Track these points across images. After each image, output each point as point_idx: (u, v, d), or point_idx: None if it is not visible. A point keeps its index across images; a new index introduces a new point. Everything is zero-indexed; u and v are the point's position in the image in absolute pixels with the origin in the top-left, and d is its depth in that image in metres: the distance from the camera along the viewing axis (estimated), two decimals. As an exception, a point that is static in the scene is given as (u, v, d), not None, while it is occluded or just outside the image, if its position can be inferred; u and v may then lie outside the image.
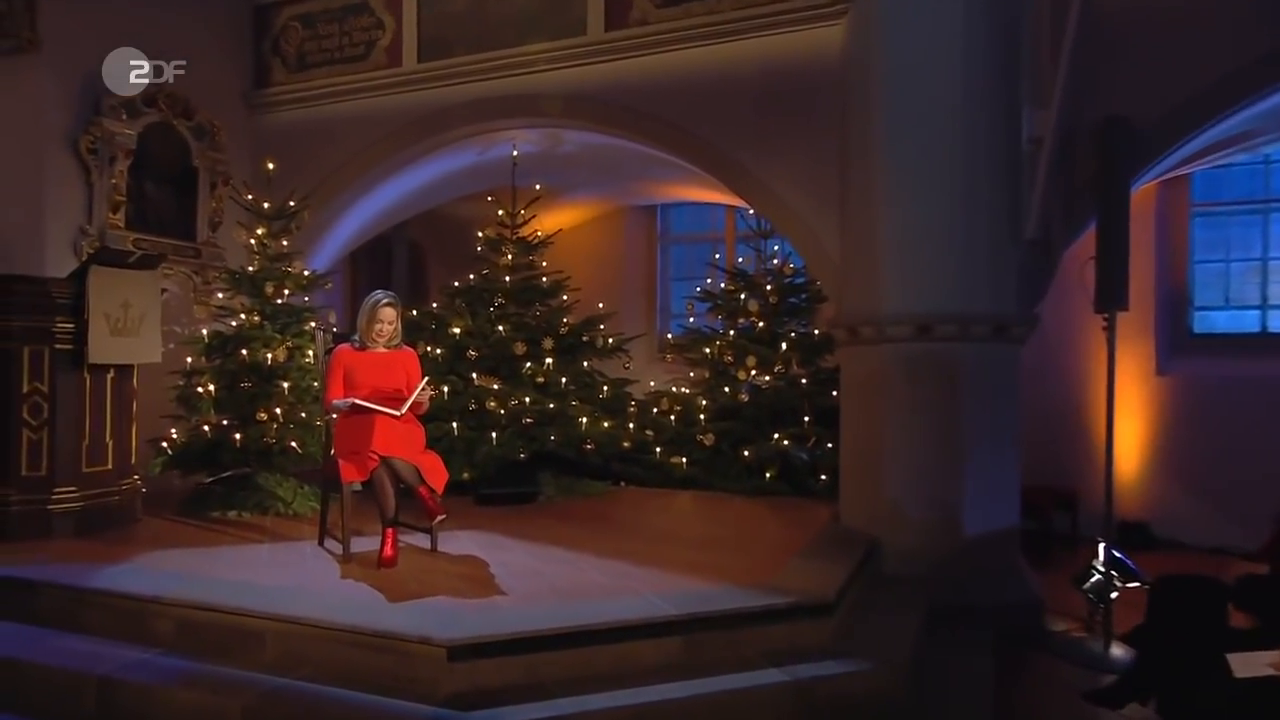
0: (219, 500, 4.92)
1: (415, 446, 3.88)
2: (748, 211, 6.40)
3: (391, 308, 3.99)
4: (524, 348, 5.62)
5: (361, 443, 3.78)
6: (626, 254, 8.44)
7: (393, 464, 3.76)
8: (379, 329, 3.98)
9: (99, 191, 5.38)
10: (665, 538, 4.35)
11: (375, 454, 3.73)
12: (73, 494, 4.31)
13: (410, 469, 3.80)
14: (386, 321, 3.98)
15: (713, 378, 6.11)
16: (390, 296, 4.00)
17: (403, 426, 3.84)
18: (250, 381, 4.96)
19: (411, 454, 3.81)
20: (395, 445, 3.76)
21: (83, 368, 4.34)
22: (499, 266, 6.01)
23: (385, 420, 3.78)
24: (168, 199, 5.87)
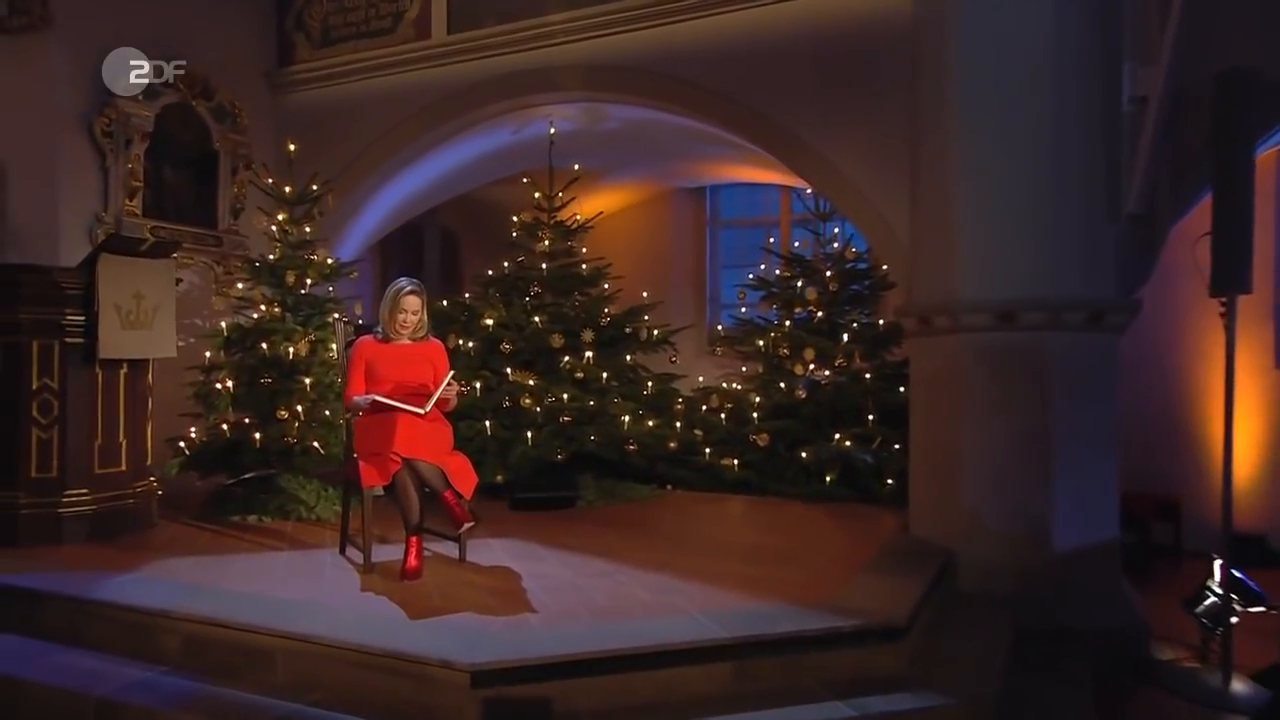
0: (239, 503, 4.88)
1: (441, 447, 3.76)
2: (805, 191, 6.24)
3: (416, 296, 3.88)
4: (562, 340, 5.49)
5: (383, 443, 3.65)
6: (673, 239, 8.32)
7: (416, 467, 3.63)
8: (402, 319, 3.87)
9: (115, 176, 5.39)
10: (715, 548, 4.19)
11: (397, 456, 3.61)
12: (84, 497, 4.27)
13: (435, 472, 3.68)
14: (411, 311, 3.87)
15: (767, 372, 5.96)
16: (414, 284, 3.89)
17: (428, 425, 3.71)
18: (270, 377, 4.89)
19: (437, 455, 3.69)
20: (419, 446, 3.64)
21: (94, 363, 4.29)
22: (535, 253, 5.90)
23: (408, 419, 3.66)
24: (187, 184, 5.88)
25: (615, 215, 8.12)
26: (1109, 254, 3.92)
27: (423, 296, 3.92)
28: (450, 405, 3.87)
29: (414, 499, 3.66)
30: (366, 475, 3.68)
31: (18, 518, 4.17)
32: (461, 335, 5.64)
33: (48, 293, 4.20)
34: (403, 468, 3.62)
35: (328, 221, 6.06)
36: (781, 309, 6.08)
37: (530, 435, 5.16)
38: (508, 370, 5.47)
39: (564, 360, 5.51)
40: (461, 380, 5.13)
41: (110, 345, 4.26)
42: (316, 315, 5.15)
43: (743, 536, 4.52)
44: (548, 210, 5.93)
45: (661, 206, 8.30)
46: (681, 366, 6.07)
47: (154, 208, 5.65)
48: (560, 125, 6.07)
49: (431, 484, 3.67)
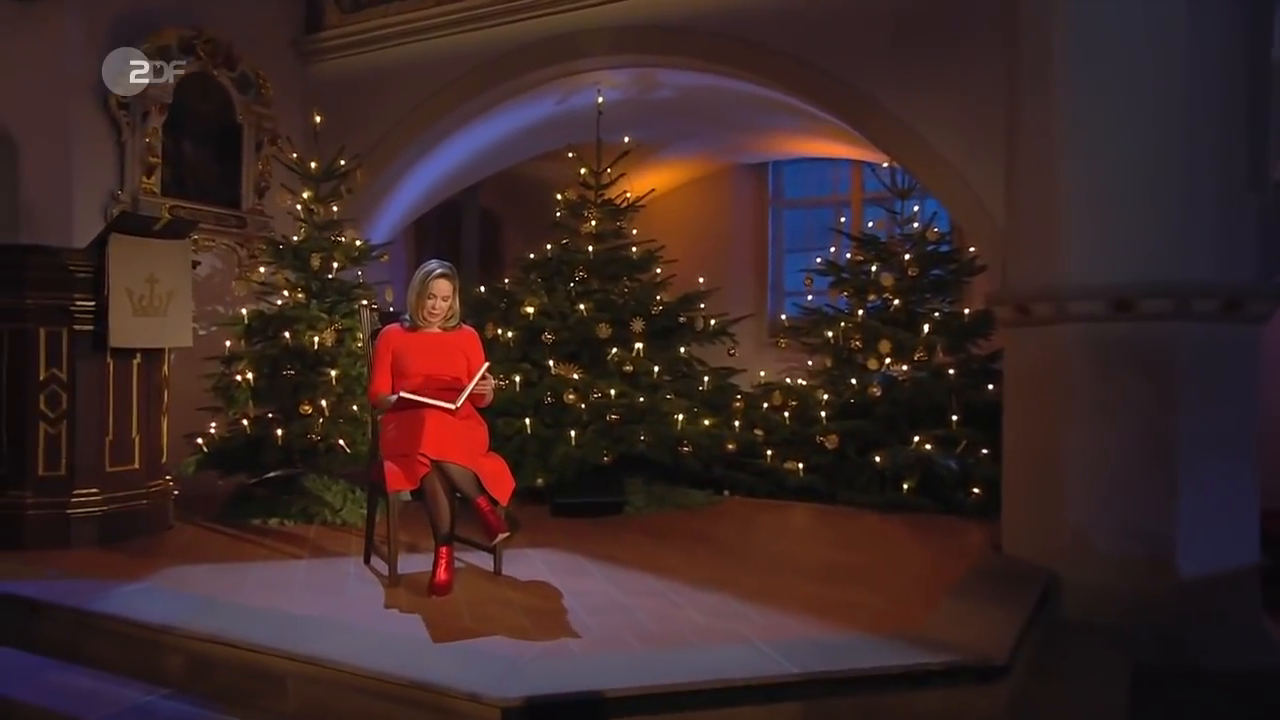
0: (260, 505, 4.83)
1: (475, 448, 3.62)
2: (881, 166, 6.02)
3: (446, 280, 3.75)
4: (609, 330, 5.35)
5: (410, 443, 3.52)
6: (732, 220, 8.21)
7: (447, 470, 3.49)
8: (431, 306, 3.74)
9: (131, 152, 5.36)
10: (779, 564, 4.01)
11: (425, 457, 3.46)
12: (94, 497, 4.23)
13: (468, 476, 3.53)
14: (441, 296, 3.74)
15: (836, 367, 5.82)
16: (445, 267, 3.76)
17: (459, 424, 3.58)
18: (293, 369, 4.84)
19: (470, 457, 3.54)
20: (450, 446, 3.49)
21: (105, 352, 4.25)
22: (580, 235, 5.77)
23: (438, 416, 3.52)
24: (208, 161, 5.83)
25: (669, 194, 8.04)
26: (1249, 230, 3.58)
27: (454, 280, 3.80)
28: (485, 401, 3.76)
29: (444, 505, 3.54)
30: (392, 478, 3.55)
31: (24, 519, 4.14)
32: (500, 324, 5.55)
33: (55, 276, 4.14)
34: (431, 471, 3.49)
35: (357, 201, 6.02)
36: (853, 297, 5.93)
37: (574, 434, 5.05)
38: (550, 363, 5.36)
39: (611, 352, 5.40)
40: (499, 374, 5.10)
41: (121, 333, 4.20)
42: (344, 302, 5.07)
43: (810, 551, 4.34)
44: (595, 187, 5.80)
45: (719, 184, 8.21)
46: (740, 360, 5.92)
47: (173, 185, 5.60)
48: (609, 94, 5.95)
49: (463, 489, 3.53)
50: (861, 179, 7.73)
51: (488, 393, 3.72)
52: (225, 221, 5.90)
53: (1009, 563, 3.96)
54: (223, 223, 5.88)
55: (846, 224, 6.98)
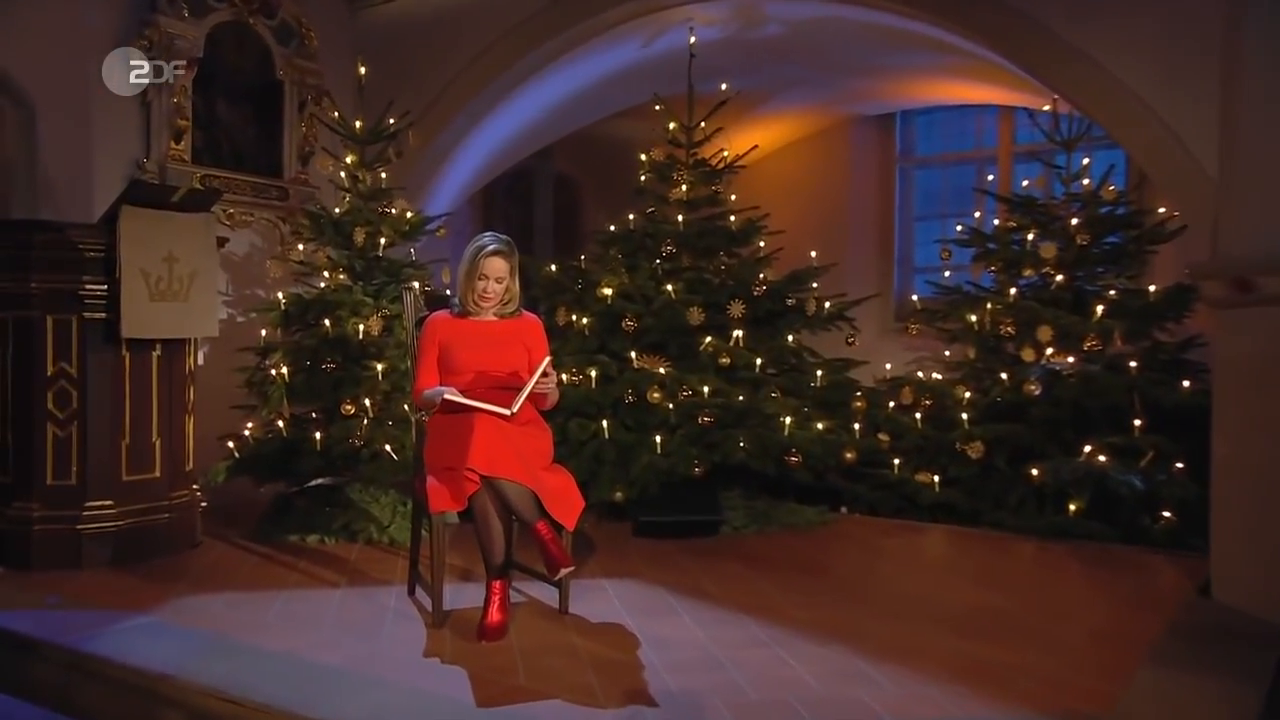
0: (299, 519, 4.74)
1: (535, 460, 3.37)
2: (1040, 111, 5.68)
3: (501, 258, 3.52)
4: (702, 315, 5.16)
5: (456, 455, 3.27)
6: (850, 183, 7.96)
7: (500, 488, 3.24)
8: (484, 288, 3.52)
9: (157, 115, 5.27)
10: (911, 607, 3.67)
11: (474, 473, 3.21)
12: (109, 510, 4.14)
13: (525, 495, 3.27)
14: (494, 277, 3.51)
15: (981, 358, 5.58)
16: (499, 241, 3.53)
17: (516, 431, 3.33)
18: (334, 362, 4.72)
19: (528, 472, 3.28)
20: (504, 459, 3.23)
21: (120, 343, 4.16)
22: (669, 202, 5.63)
23: (490, 423, 3.26)
24: (245, 123, 5.75)
25: (774, 153, 7.88)
26: None
27: (512, 258, 3.56)
28: (550, 402, 3.55)
29: (496, 531, 3.32)
30: (435, 497, 3.32)
31: (30, 535, 4.08)
32: (574, 310, 5.40)
33: (62, 256, 4.06)
34: (482, 489, 3.25)
35: (412, 167, 5.97)
36: (1002, 272, 5.66)
37: (659, 440, 4.86)
38: (631, 355, 5.19)
39: (704, 342, 5.20)
40: (571, 368, 5.00)
41: (135, 321, 4.09)
42: (392, 284, 4.96)
43: (951, 590, 3.98)
44: (686, 146, 5.65)
45: (836, 140, 7.99)
46: (861, 350, 5.72)
47: (205, 152, 5.51)
48: (703, 34, 5.75)
49: (519, 512, 3.28)
50: (1013, 129, 7.39)
51: (551, 392, 3.50)
52: (265, 193, 5.81)
53: (1224, 614, 3.49)
54: (262, 194, 5.78)
55: (993, 184, 6.71)
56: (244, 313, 5.30)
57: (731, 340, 5.21)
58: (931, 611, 3.59)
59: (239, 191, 5.63)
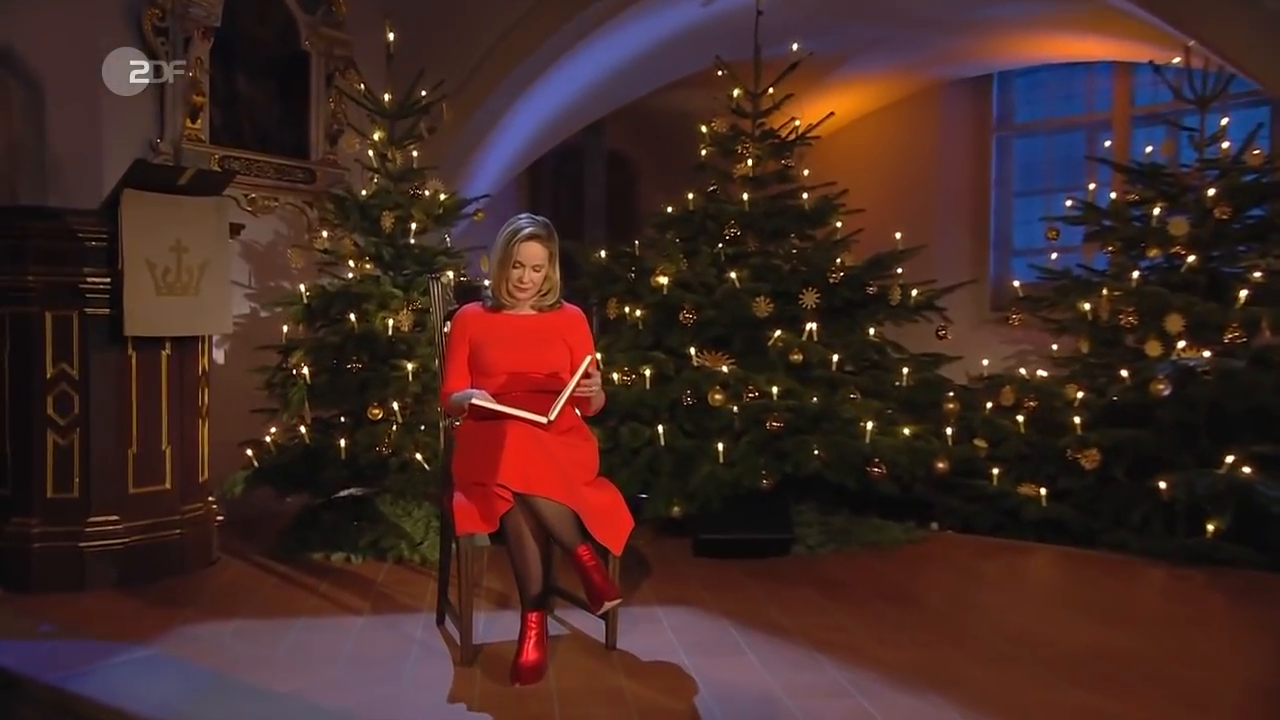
0: (325, 534, 4.68)
1: (576, 474, 3.24)
2: (1169, 65, 5.49)
3: (539, 243, 3.39)
4: (770, 306, 5.00)
5: (486, 469, 3.13)
6: (940, 155, 7.81)
7: (536, 508, 3.10)
8: (518, 278, 3.39)
9: (171, 91, 5.20)
10: (1018, 646, 3.44)
11: (505, 489, 3.07)
12: (114, 526, 4.08)
13: (565, 515, 3.12)
14: (531, 265, 3.38)
15: (1095, 353, 5.44)
16: (536, 225, 3.40)
17: (555, 441, 3.19)
18: (360, 361, 4.66)
19: (568, 488, 3.13)
20: (540, 474, 3.09)
21: (126, 342, 4.10)
22: (733, 179, 5.50)
23: (523, 432, 3.12)
24: (268, 99, 5.68)
25: (852, 124, 7.81)
26: None
27: (551, 243, 3.42)
28: (594, 407, 3.45)
29: (532, 557, 3.18)
30: (463, 517, 3.19)
31: (29, 553, 4.01)
32: (627, 301, 5.31)
33: (62, 246, 3.99)
34: (515, 508, 3.11)
35: (448, 145, 5.97)
36: (1121, 253, 5.52)
37: (721, 448, 4.73)
38: (691, 351, 5.04)
39: (773, 336, 5.06)
40: (624, 367, 4.93)
41: (139, 318, 4.02)
42: (425, 274, 4.90)
43: (1065, 626, 3.73)
44: (752, 115, 5.50)
45: (923, 107, 7.84)
46: (954, 344, 5.56)
47: (225, 131, 5.43)
48: None
49: (558, 534, 3.13)
50: (1131, 88, 7.18)
51: (595, 395, 3.36)
52: (290, 175, 5.73)
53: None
54: (286, 177, 5.71)
55: (1109, 151, 6.48)
56: (268, 307, 5.28)
57: (804, 334, 5.10)
58: (1042, 653, 3.36)
59: (261, 174, 5.56)
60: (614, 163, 8.15)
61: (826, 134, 5.72)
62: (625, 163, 8.29)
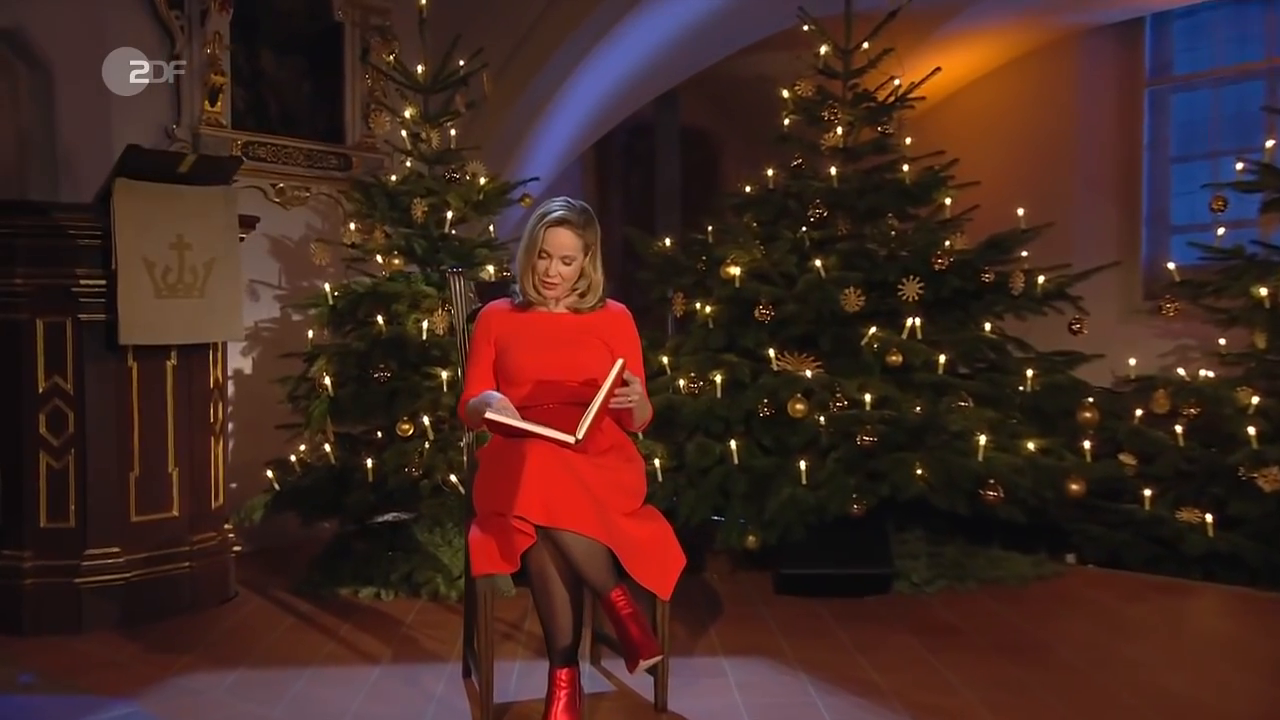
0: (356, 566, 4.66)
1: (615, 501, 3.07)
2: None
3: (569, 229, 3.23)
4: (861, 299, 4.84)
5: (505, 497, 2.97)
6: (1077, 115, 7.48)
7: (563, 543, 2.93)
8: (545, 270, 3.24)
9: (189, 70, 5.19)
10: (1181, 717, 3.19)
11: (525, 522, 2.91)
12: (115, 560, 4.07)
13: (597, 553, 2.95)
14: (560, 256, 3.23)
15: (1274, 348, 5.24)
16: (568, 209, 3.25)
17: (586, 464, 3.03)
18: (389, 369, 4.60)
19: (602, 519, 2.95)
20: (567, 503, 2.92)
21: (126, 351, 4.10)
22: (821, 151, 5.38)
23: (549, 452, 2.96)
24: (297, 77, 5.63)
25: (966, 87, 7.57)
26: None
27: (586, 231, 3.27)
28: (640, 419, 3.29)
29: (560, 603, 3.01)
30: (479, 555, 3.04)
31: (22, 590, 4.02)
32: (697, 296, 5.19)
33: (51, 244, 4.01)
34: (538, 544, 2.95)
35: (498, 123, 6.03)
36: None
37: (804, 466, 4.57)
38: (770, 352, 4.89)
39: (867, 333, 4.90)
40: (691, 373, 4.83)
41: (136, 324, 4.00)
42: (463, 269, 4.68)
43: (1236, 691, 3.47)
44: (842, 75, 5.37)
45: (1056, 60, 7.50)
46: (1093, 340, 5.36)
47: (249, 114, 5.40)
48: None
49: (587, 575, 2.97)
50: None
51: (637, 406, 3.18)
52: (322, 161, 5.69)
53: None
54: (319, 163, 5.67)
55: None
56: (295, 309, 5.31)
57: (904, 331, 4.94)
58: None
59: (291, 161, 5.52)
60: (691, 140, 8.06)
61: (935, 99, 5.74)
62: (705, 139, 8.18)
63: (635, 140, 7.80)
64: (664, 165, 7.55)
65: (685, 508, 4.47)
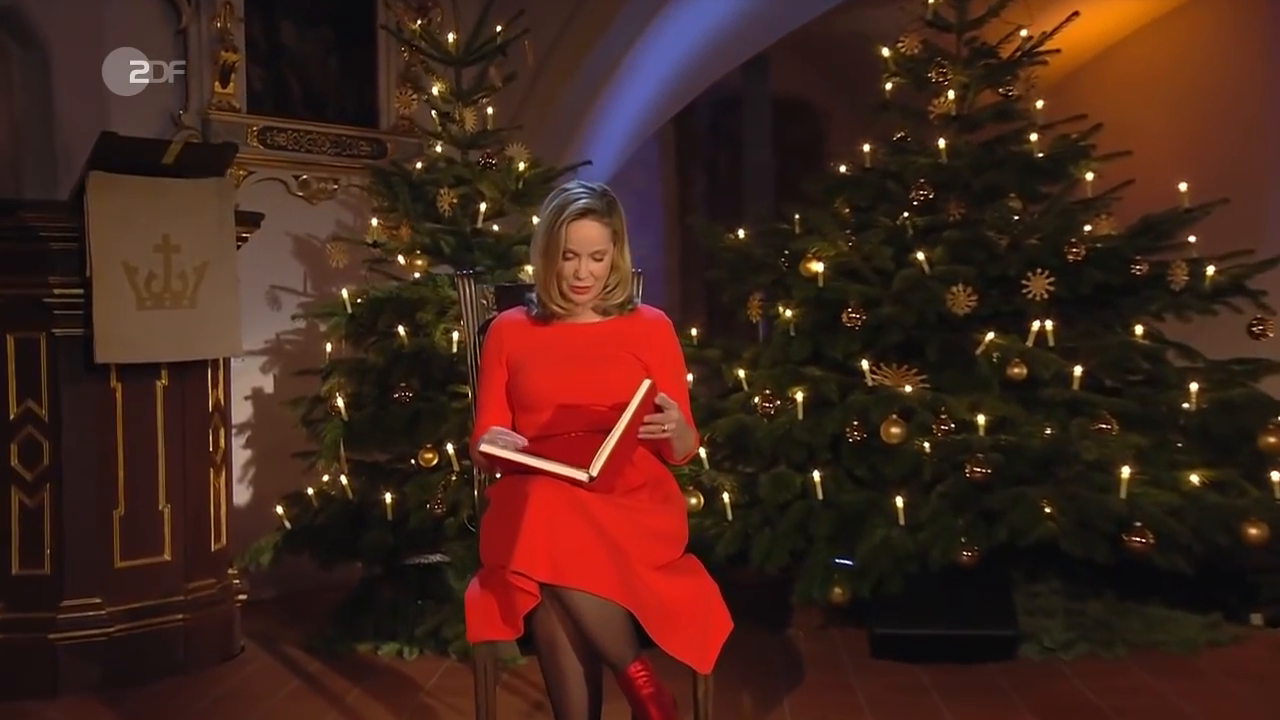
0: (381, 617, 4.63)
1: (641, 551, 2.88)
2: None
3: (595, 220, 3.07)
4: (973, 299, 4.65)
5: (505, 546, 2.83)
6: (1262, 69, 7.25)
7: (572, 605, 2.76)
8: (575, 273, 3.08)
9: (196, 46, 5.24)
10: None
11: (523, 577, 2.75)
12: (96, 613, 4.04)
13: (612, 617, 2.76)
14: (589, 253, 3.07)
15: None
16: (592, 197, 3.10)
17: (604, 506, 2.84)
18: (411, 388, 4.54)
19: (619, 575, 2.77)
20: (576, 555, 2.76)
21: (110, 370, 4.09)
22: (929, 120, 5.24)
23: (556, 493, 2.80)
24: (322, 52, 5.68)
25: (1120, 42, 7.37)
26: None
27: (615, 220, 3.11)
28: (682, 450, 3.11)
29: (572, 676, 2.85)
30: (475, 617, 2.90)
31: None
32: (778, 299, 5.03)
33: (21, 248, 4.02)
34: (543, 604, 2.78)
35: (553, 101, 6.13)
36: None
37: (900, 504, 4.38)
38: (863, 364, 4.70)
39: (982, 341, 4.71)
40: (765, 390, 4.69)
41: (114, 339, 3.99)
42: (499, 269, 4.77)
43: None
44: (956, 28, 5.23)
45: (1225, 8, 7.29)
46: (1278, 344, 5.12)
47: (267, 95, 5.44)
48: None
49: (600, 644, 2.78)
50: None
51: (670, 434, 2.98)
52: (353, 148, 5.70)
53: None
54: (349, 150, 5.68)
55: None
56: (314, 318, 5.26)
57: (1030, 337, 4.73)
58: None
59: (315, 148, 5.53)
60: (786, 112, 7.92)
61: (1079, 59, 5.62)
62: (805, 111, 8.03)
63: (722, 115, 7.72)
64: (753, 143, 7.40)
65: (759, 551, 4.31)
